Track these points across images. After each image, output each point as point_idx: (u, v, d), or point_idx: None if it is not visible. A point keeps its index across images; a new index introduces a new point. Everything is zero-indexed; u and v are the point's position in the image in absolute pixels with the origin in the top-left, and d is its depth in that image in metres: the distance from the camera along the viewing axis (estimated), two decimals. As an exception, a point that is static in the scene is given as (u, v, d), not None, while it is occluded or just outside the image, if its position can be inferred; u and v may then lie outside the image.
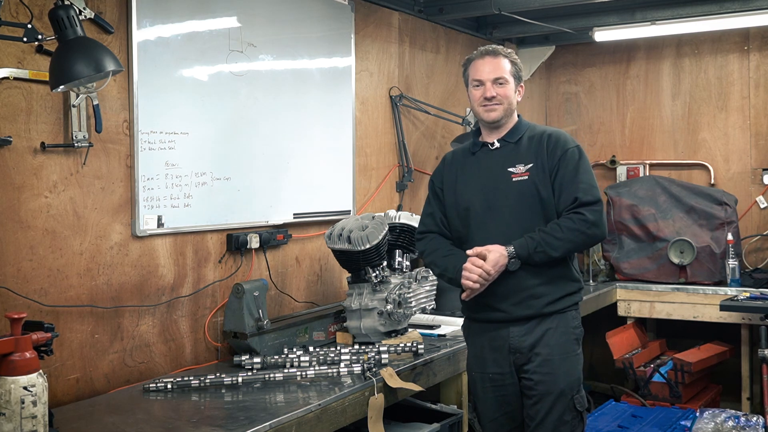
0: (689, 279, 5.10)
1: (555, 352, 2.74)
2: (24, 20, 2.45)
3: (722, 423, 4.09)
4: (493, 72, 2.80)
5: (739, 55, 5.50)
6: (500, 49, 2.86)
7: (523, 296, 2.75)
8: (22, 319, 2.12)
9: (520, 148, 2.82)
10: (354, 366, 2.99)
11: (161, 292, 3.13)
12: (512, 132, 2.86)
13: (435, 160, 4.94)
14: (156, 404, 2.74)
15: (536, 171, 2.76)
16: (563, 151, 2.77)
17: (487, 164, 2.85)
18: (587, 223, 2.69)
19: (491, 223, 2.78)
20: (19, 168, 2.64)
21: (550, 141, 2.79)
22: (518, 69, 2.86)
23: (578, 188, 2.72)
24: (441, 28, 5.01)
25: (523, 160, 2.79)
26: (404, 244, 3.82)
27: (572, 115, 6.14)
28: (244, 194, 3.47)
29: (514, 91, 2.84)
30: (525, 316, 2.76)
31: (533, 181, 2.75)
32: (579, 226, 2.69)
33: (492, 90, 2.79)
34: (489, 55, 2.83)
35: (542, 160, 2.77)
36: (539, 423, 2.74)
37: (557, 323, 2.76)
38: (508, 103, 2.82)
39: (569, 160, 2.76)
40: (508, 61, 2.83)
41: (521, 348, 2.76)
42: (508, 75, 2.82)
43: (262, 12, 3.56)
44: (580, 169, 2.75)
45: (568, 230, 2.69)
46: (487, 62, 2.82)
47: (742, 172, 5.50)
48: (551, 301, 2.75)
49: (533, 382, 2.75)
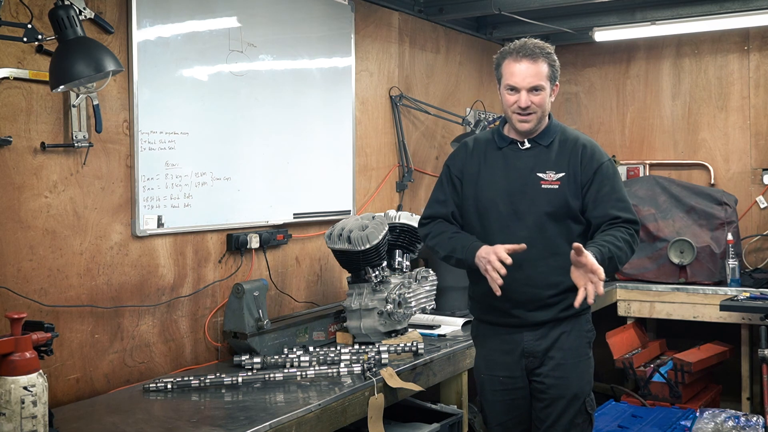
0: (689, 279, 5.10)
1: (568, 356, 2.70)
2: (24, 20, 2.45)
3: (722, 423, 4.09)
4: (530, 79, 2.61)
5: (739, 55, 5.50)
6: (539, 48, 2.64)
7: (539, 305, 2.68)
8: (22, 319, 2.12)
9: (551, 153, 2.69)
10: (354, 366, 2.99)
11: (161, 292, 3.13)
12: (544, 134, 2.71)
13: (435, 160, 4.95)
14: (156, 404, 2.74)
15: (568, 181, 2.66)
16: (599, 164, 2.67)
17: (514, 164, 2.71)
18: (633, 238, 2.61)
19: (514, 227, 2.67)
20: (19, 168, 2.64)
21: (585, 152, 2.68)
22: (555, 69, 2.67)
23: (618, 206, 2.65)
24: (441, 28, 5.01)
25: (554, 167, 2.67)
26: (404, 244, 3.82)
27: (572, 115, 6.14)
28: (244, 194, 3.47)
29: (548, 95, 2.66)
30: (540, 321, 2.70)
31: (564, 192, 2.65)
32: (632, 240, 2.61)
33: (527, 99, 2.62)
34: (527, 59, 2.61)
35: (575, 170, 2.66)
36: (550, 426, 2.70)
37: (571, 327, 2.71)
38: (542, 111, 2.66)
39: (605, 175, 2.67)
40: (546, 65, 2.63)
41: (535, 352, 2.71)
42: (545, 81, 2.63)
43: (262, 12, 3.56)
44: (616, 186, 2.68)
45: (624, 241, 2.59)
46: (525, 66, 2.61)
47: (742, 172, 5.50)
48: (566, 307, 2.67)
49: (545, 385, 2.70)
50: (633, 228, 2.64)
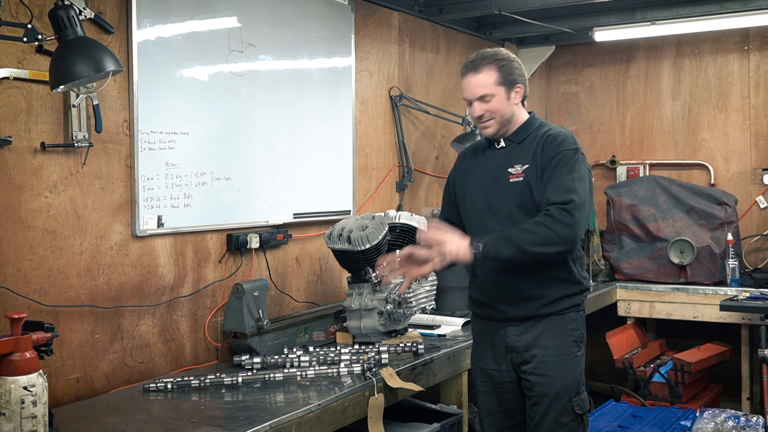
0: (689, 279, 5.10)
1: (551, 354, 2.73)
2: (24, 20, 2.45)
3: (722, 423, 4.09)
4: (475, 90, 2.72)
5: (739, 55, 5.50)
6: (480, 59, 2.73)
7: (517, 297, 2.74)
8: (22, 319, 2.12)
9: (522, 148, 2.78)
10: (354, 366, 2.99)
11: (161, 292, 3.13)
12: (518, 132, 2.80)
13: (435, 160, 4.95)
14: (156, 404, 2.74)
15: (531, 171, 2.71)
16: (556, 152, 2.68)
17: (490, 164, 2.83)
18: (551, 218, 2.57)
19: (489, 223, 2.77)
20: (19, 168, 2.64)
21: (548, 141, 2.72)
22: (508, 72, 2.72)
23: (554, 189, 2.63)
24: (441, 28, 5.01)
25: (521, 161, 2.75)
26: (404, 244, 3.79)
27: (572, 115, 6.14)
28: (244, 194, 3.47)
29: (505, 99, 2.73)
30: (521, 317, 2.76)
31: (527, 182, 2.71)
32: (542, 220, 2.58)
33: (478, 109, 2.73)
34: (471, 72, 2.73)
35: (537, 160, 2.71)
36: (537, 424, 2.74)
37: (554, 325, 2.74)
38: (500, 116, 2.74)
39: (558, 161, 2.65)
40: (492, 72, 2.70)
41: (517, 347, 2.77)
42: (493, 87, 2.70)
43: (262, 12, 3.56)
44: (563, 170, 2.64)
45: (532, 224, 2.59)
46: (469, 80, 2.74)
47: (742, 172, 5.50)
48: (547, 303, 2.73)
49: (531, 383, 2.75)
50: (555, 207, 2.57)
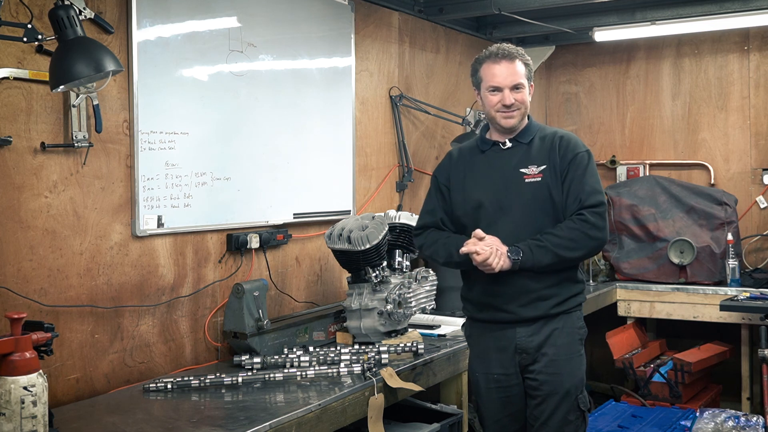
0: (689, 279, 5.10)
1: (561, 352, 2.74)
2: (24, 20, 2.45)
3: (722, 423, 4.09)
4: (510, 78, 2.74)
5: (739, 55, 5.50)
6: (513, 50, 2.78)
7: (531, 298, 2.73)
8: (22, 319, 2.12)
9: (532, 149, 2.80)
10: (354, 366, 2.99)
11: (161, 292, 3.13)
12: (524, 132, 2.82)
13: (435, 160, 4.94)
14: (156, 404, 2.74)
15: (549, 173, 2.75)
16: (573, 154, 2.76)
17: (498, 164, 2.82)
18: (588, 224, 2.69)
19: (501, 222, 2.75)
20: (19, 168, 2.64)
21: (562, 143, 2.78)
22: (530, 69, 2.81)
23: (583, 190, 2.72)
24: (441, 28, 5.01)
25: (535, 162, 2.77)
26: (404, 244, 3.82)
27: (572, 115, 6.14)
28: (244, 194, 3.47)
29: (528, 93, 2.80)
30: (532, 317, 2.75)
31: (546, 183, 2.74)
32: (579, 226, 2.69)
33: (510, 97, 2.74)
34: (505, 60, 2.75)
35: (554, 162, 2.76)
36: (543, 423, 2.74)
37: (563, 323, 2.76)
38: (525, 108, 2.79)
39: (578, 164, 2.75)
40: (522, 64, 2.77)
41: (528, 348, 2.75)
42: (524, 79, 2.76)
43: (262, 12, 3.56)
44: (587, 173, 2.74)
45: (568, 229, 2.69)
46: (504, 67, 2.74)
47: (742, 172, 5.50)
48: (559, 302, 2.75)
49: (538, 382, 2.74)
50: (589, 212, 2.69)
